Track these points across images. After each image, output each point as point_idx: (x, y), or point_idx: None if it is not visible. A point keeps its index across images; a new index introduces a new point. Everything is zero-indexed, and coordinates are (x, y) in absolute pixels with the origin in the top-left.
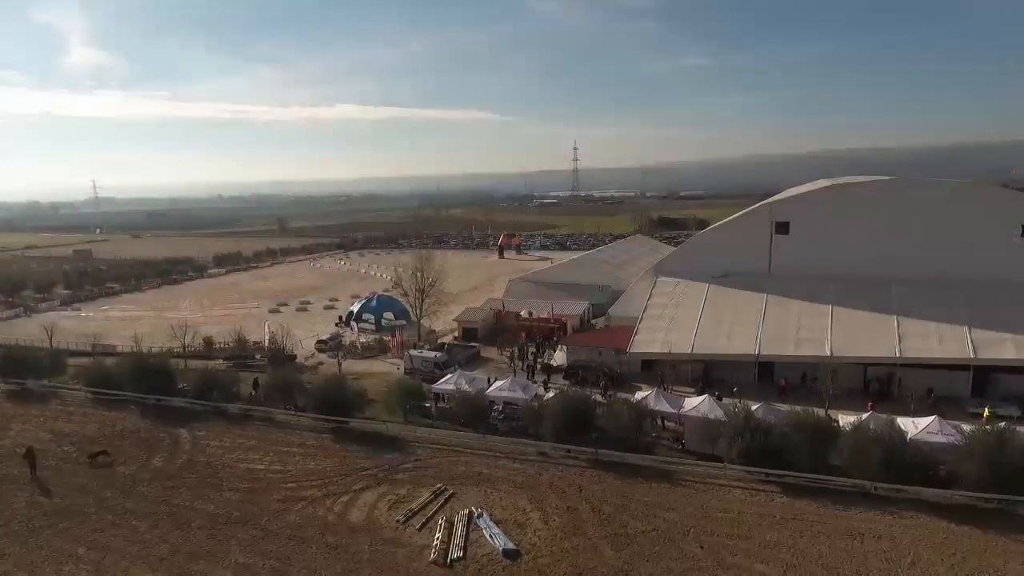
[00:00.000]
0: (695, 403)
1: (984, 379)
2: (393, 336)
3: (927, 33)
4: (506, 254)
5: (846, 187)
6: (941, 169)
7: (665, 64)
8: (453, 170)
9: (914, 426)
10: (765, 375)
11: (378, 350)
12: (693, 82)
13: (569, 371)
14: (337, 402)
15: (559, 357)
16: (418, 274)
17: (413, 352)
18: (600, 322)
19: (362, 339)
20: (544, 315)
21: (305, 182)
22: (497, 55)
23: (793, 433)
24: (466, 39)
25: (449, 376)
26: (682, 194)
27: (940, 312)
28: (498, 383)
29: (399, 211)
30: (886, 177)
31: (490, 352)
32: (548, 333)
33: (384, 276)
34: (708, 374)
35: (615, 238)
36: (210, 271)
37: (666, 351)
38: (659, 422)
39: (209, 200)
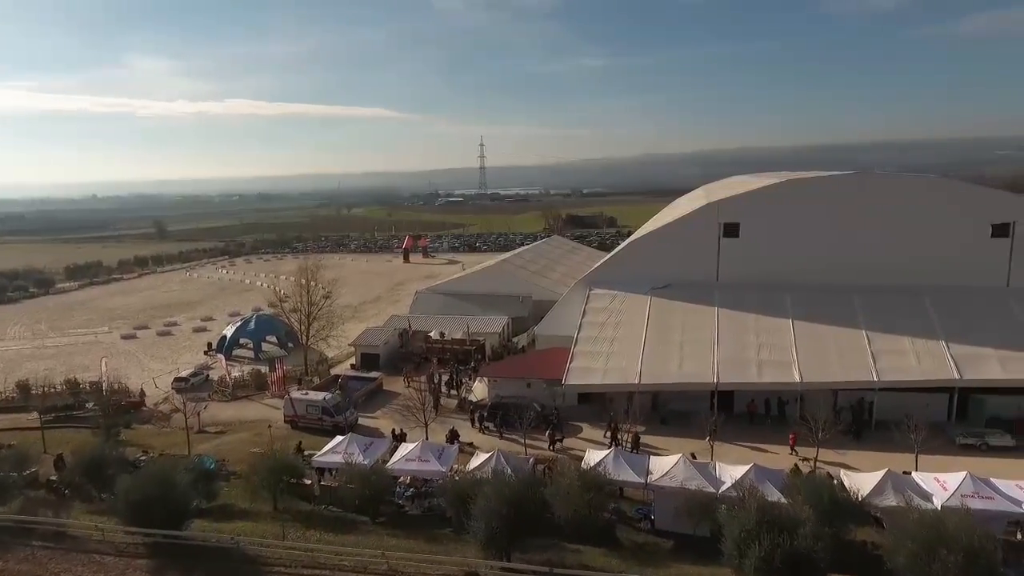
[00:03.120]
0: (666, 467)
1: (964, 401)
2: (273, 369)
3: (803, 38)
4: (412, 257)
5: (801, 182)
6: (828, 167)
7: (563, 65)
8: (355, 168)
9: (943, 488)
10: (724, 403)
11: (255, 387)
12: (590, 83)
13: (493, 411)
14: (160, 502)
15: (478, 390)
16: (305, 290)
17: (295, 395)
18: (522, 339)
19: (235, 372)
20: (459, 335)
21: (194, 180)
22: (399, 52)
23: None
24: (365, 36)
25: (336, 443)
26: (585, 192)
27: (912, 325)
28: (404, 450)
29: (296, 211)
30: (848, 172)
31: (395, 383)
32: (464, 357)
33: (273, 287)
34: (657, 406)
35: (526, 237)
36: (60, 286)
37: (610, 383)
38: (618, 490)
39: (82, 200)
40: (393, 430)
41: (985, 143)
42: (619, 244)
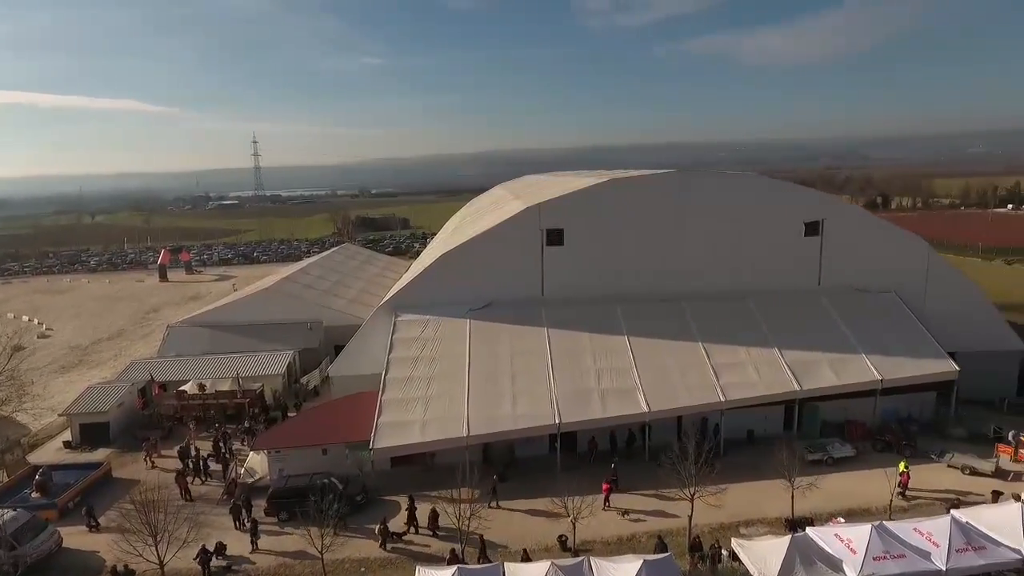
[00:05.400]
0: None
1: (798, 411)
2: None
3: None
4: (171, 274)
5: (625, 182)
6: (605, 166)
7: (346, 62)
8: (105, 169)
9: (849, 549)
10: (566, 443)
11: None
12: (375, 81)
13: (276, 501)
14: None
15: (256, 465)
16: None
17: None
18: (313, 377)
19: None
20: (227, 384)
21: None
22: (155, 39)
23: None
24: (112, 16)
25: None
26: (375, 192)
27: (745, 333)
28: None
29: (24, 221)
30: (670, 170)
31: (133, 467)
32: (236, 414)
33: None
34: (490, 457)
35: (314, 244)
36: None
37: (432, 438)
38: None
39: None
40: (115, 567)
41: (713, 147)
42: (415, 247)
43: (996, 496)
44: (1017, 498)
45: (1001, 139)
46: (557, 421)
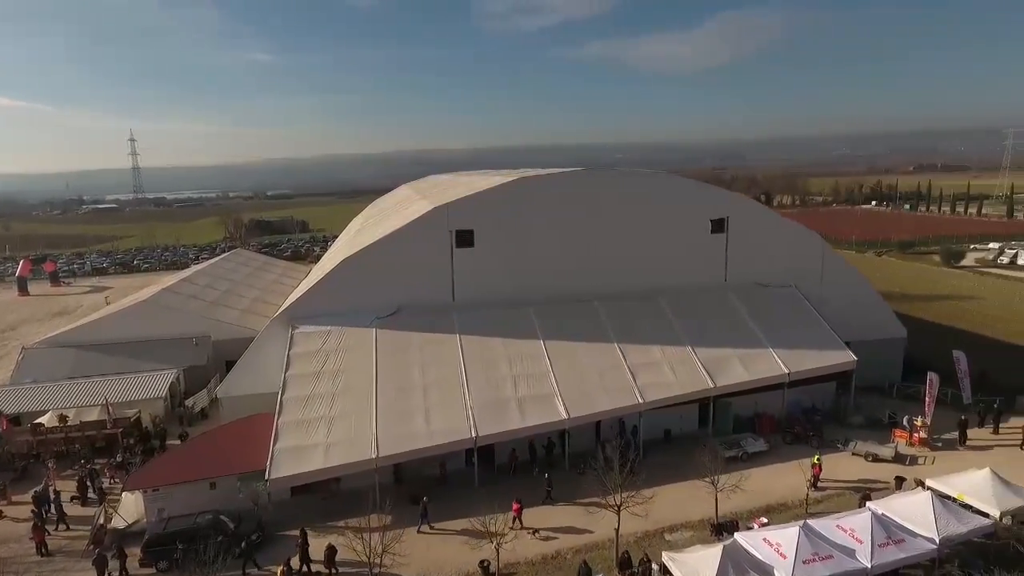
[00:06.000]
0: None
1: (712, 408)
2: None
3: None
4: (33, 287)
5: (535, 180)
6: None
7: (233, 58)
8: None
9: (778, 553)
10: (484, 457)
11: None
12: (266, 79)
13: (153, 549)
14: None
15: (130, 506)
16: None
17: None
18: (201, 399)
19: None
20: (95, 414)
21: None
22: (13, 23)
23: None
24: None
25: None
26: (270, 194)
27: (659, 332)
28: None
29: None
30: (579, 168)
31: None
32: (109, 443)
33: None
34: (402, 478)
35: (203, 250)
36: None
37: (337, 463)
38: None
39: None
40: None
41: (609, 148)
42: (316, 251)
43: (899, 482)
44: (919, 483)
45: (861, 142)
46: (474, 435)
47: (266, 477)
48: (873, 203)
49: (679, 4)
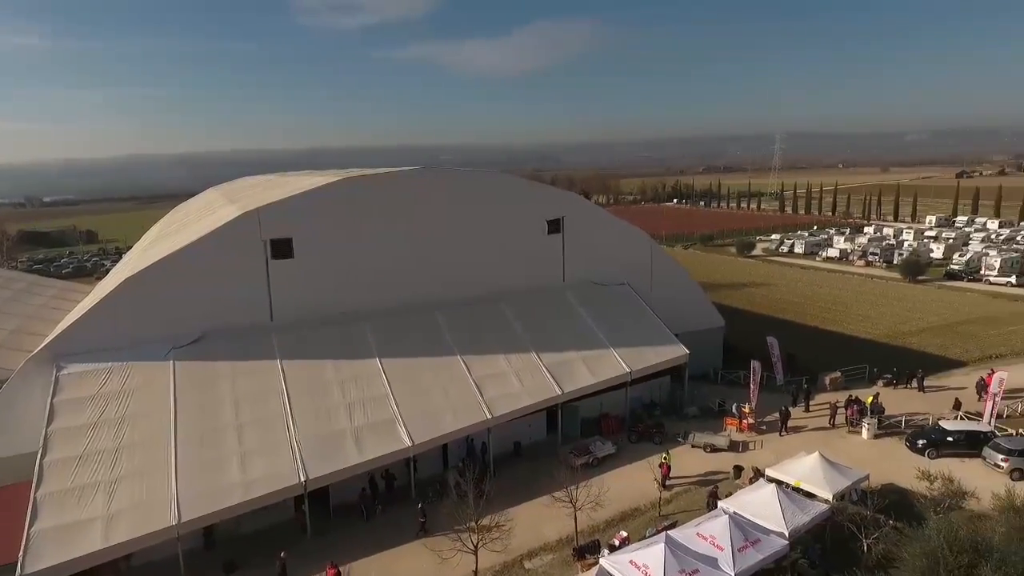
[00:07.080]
0: None
1: (560, 413)
2: None
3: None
4: None
5: (362, 180)
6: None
7: None
8: None
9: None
10: (318, 501)
11: None
12: (39, 67)
13: None
14: None
15: None
16: None
17: None
18: None
19: None
20: None
21: None
22: None
23: None
24: None
25: None
26: (48, 200)
27: (502, 339)
28: None
29: None
30: (413, 168)
31: None
32: None
33: None
34: (212, 542)
35: None
36: None
37: (123, 539)
38: None
39: None
40: None
41: (433, 150)
42: (105, 265)
43: (738, 471)
44: (757, 471)
45: (658, 147)
46: (303, 479)
47: (21, 570)
48: (675, 201)
49: (495, 9)
